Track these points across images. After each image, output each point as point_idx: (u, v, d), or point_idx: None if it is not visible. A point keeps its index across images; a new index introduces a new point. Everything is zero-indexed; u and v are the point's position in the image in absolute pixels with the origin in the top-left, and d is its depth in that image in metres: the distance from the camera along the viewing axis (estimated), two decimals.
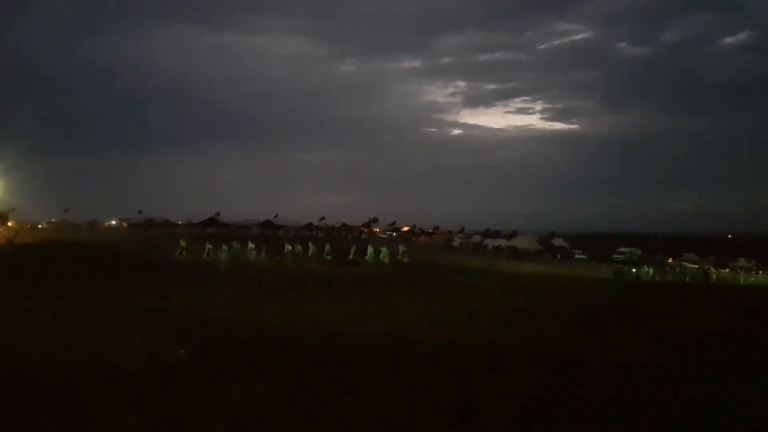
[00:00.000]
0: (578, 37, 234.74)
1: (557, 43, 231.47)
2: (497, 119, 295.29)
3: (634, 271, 48.50)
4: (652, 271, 47.83)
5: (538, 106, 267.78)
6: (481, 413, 6.76)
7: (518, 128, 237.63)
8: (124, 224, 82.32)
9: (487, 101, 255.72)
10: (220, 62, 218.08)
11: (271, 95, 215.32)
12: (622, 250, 71.48)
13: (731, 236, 71.87)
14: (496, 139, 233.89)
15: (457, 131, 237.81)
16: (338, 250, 42.01)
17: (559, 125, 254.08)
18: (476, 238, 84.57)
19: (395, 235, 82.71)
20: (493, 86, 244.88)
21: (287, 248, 39.89)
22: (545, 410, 6.96)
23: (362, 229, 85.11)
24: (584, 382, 8.22)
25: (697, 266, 56.17)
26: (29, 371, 8.33)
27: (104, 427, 6.34)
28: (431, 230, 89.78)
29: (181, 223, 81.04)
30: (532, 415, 6.82)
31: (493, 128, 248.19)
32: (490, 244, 77.74)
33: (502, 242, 78.14)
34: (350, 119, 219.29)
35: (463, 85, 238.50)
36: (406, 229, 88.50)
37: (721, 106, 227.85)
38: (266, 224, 78.98)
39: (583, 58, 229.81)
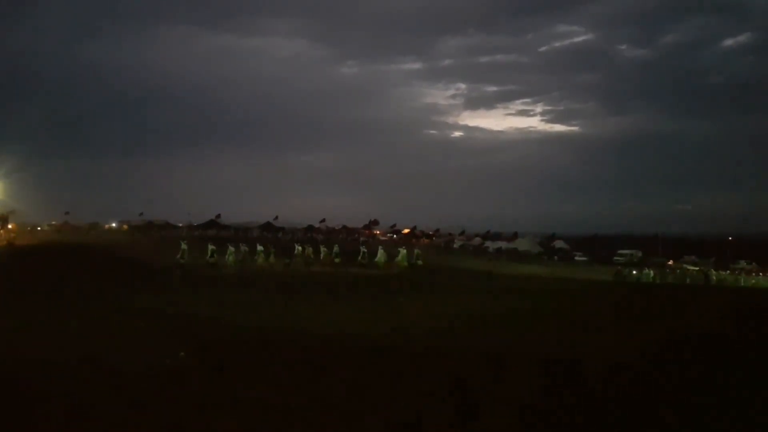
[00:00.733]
0: (579, 39, 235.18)
1: (558, 45, 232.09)
2: (498, 121, 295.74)
3: (634, 273, 48.49)
4: (652, 273, 47.80)
5: (538, 108, 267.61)
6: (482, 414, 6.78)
7: (519, 130, 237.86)
8: (124, 227, 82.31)
9: (487, 103, 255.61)
10: (220, 64, 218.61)
11: (271, 97, 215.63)
12: (622, 252, 71.29)
13: (731, 238, 71.62)
14: (496, 141, 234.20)
15: (457, 133, 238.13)
16: (344, 252, 41.12)
17: (559, 127, 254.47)
18: (477, 240, 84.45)
19: (395, 237, 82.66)
20: (493, 88, 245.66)
21: (297, 249, 38.93)
22: (544, 411, 6.97)
23: (363, 231, 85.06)
24: (583, 383, 8.24)
25: (697, 268, 56.07)
26: (29, 372, 8.35)
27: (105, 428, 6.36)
28: (432, 232, 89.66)
29: (181, 225, 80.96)
30: (531, 416, 6.83)
31: (493, 130, 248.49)
32: (490, 246, 77.63)
33: (502, 244, 78.04)
34: (351, 121, 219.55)
35: (463, 87, 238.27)
36: (406, 231, 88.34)
37: (721, 107, 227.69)
38: (266, 226, 79.03)
39: (583, 60, 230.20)
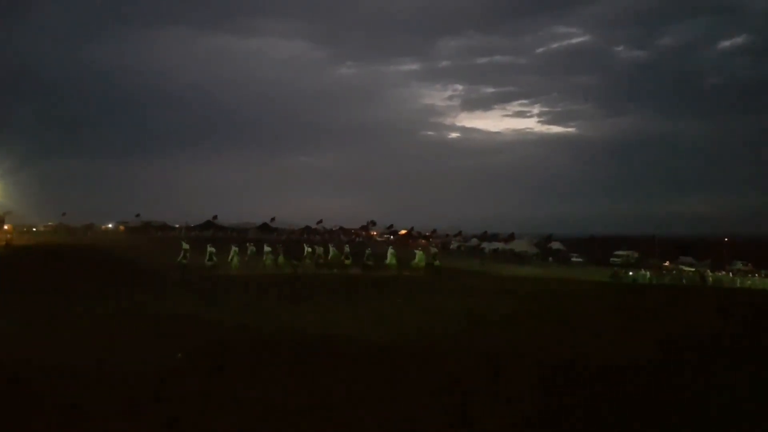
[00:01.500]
0: (576, 40, 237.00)
1: (555, 46, 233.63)
2: (495, 122, 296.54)
3: (630, 274, 48.64)
4: (648, 274, 47.96)
5: (536, 109, 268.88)
6: (479, 416, 6.82)
7: (516, 131, 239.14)
8: (121, 227, 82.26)
9: (485, 104, 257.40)
10: (218, 65, 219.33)
11: (269, 98, 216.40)
12: (618, 253, 71.47)
13: (727, 239, 71.88)
14: (493, 142, 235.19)
15: (455, 134, 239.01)
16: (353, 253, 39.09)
17: (556, 128, 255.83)
18: (474, 241, 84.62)
19: (392, 238, 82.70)
20: (491, 89, 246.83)
21: (307, 250, 37.14)
22: (542, 412, 7.03)
23: (360, 231, 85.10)
24: (580, 384, 8.30)
25: (694, 269, 56.28)
26: (27, 373, 8.35)
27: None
28: (428, 233, 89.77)
29: (178, 226, 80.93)
30: (529, 417, 6.88)
31: (491, 131, 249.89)
32: (487, 247, 77.75)
33: (499, 245, 78.17)
34: (348, 122, 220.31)
35: (461, 88, 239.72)
36: (403, 232, 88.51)
37: (718, 109, 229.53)
38: (263, 227, 79.01)
39: (581, 61, 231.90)
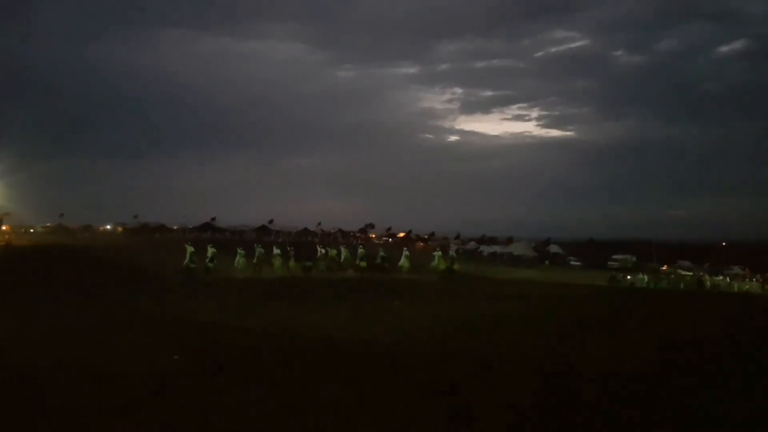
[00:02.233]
0: (575, 44, 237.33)
1: (554, 50, 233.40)
2: (494, 126, 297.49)
3: (628, 278, 48.75)
4: (646, 278, 48.08)
5: (534, 113, 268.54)
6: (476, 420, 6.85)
7: (515, 135, 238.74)
8: (119, 229, 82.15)
9: (483, 108, 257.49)
10: (217, 67, 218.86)
11: (268, 100, 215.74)
12: (616, 257, 71.64)
13: (725, 244, 72.19)
14: (492, 145, 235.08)
15: (453, 138, 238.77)
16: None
17: (555, 132, 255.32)
18: (472, 244, 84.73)
19: (391, 240, 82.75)
20: (489, 93, 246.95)
21: (320, 252, 36.50)
22: (537, 417, 7.05)
23: (358, 234, 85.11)
24: (576, 389, 8.32)
25: (691, 273, 56.45)
26: (26, 374, 8.36)
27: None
28: (427, 236, 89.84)
29: (176, 227, 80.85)
30: (525, 423, 6.90)
31: (489, 135, 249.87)
32: (485, 250, 77.85)
33: (497, 249, 78.31)
34: (347, 125, 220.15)
35: (460, 91, 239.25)
36: (401, 235, 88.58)
37: (716, 114, 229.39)
38: (262, 229, 78.99)
39: (579, 65, 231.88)
